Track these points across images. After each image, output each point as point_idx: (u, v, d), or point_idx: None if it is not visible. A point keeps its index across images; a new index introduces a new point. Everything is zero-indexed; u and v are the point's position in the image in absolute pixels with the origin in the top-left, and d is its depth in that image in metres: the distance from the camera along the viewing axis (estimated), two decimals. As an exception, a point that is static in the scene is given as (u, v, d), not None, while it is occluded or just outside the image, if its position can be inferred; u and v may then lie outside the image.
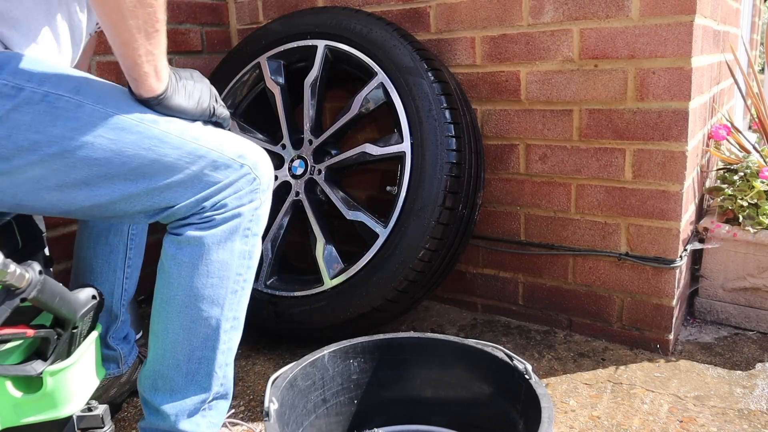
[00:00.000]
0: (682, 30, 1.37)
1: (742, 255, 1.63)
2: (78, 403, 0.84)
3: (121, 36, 0.81)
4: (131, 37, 0.81)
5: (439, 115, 1.43)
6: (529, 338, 1.64)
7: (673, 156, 1.44)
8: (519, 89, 1.61)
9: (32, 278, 0.72)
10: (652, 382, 1.41)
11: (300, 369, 1.00)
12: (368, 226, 1.48)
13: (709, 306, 1.71)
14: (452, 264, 1.63)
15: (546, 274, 1.68)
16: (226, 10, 2.13)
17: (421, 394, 1.10)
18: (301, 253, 1.89)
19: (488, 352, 1.03)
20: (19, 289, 0.71)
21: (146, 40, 0.82)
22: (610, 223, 1.55)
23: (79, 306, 0.83)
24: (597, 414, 1.29)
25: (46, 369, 0.79)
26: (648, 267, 1.52)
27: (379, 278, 1.43)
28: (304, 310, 1.51)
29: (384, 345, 1.09)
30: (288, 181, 1.64)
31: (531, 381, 0.92)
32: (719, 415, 1.27)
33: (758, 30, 3.86)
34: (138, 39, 0.81)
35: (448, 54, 1.70)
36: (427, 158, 1.42)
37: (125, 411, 1.36)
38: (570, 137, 1.56)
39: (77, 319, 0.82)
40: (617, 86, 1.47)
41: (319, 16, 1.64)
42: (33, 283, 0.72)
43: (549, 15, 1.52)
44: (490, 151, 1.69)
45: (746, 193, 1.63)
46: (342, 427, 1.09)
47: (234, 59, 1.79)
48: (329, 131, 1.60)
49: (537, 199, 1.65)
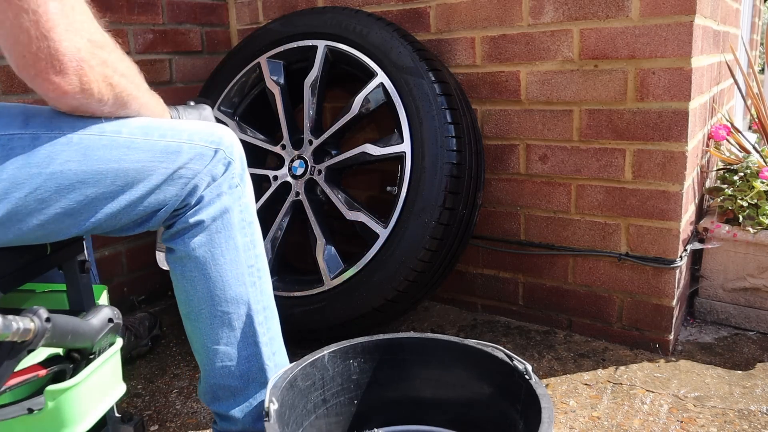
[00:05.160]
0: (682, 30, 1.37)
1: (742, 255, 1.63)
2: (87, 423, 0.80)
3: None
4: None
5: (439, 116, 1.43)
6: (529, 338, 1.64)
7: (673, 156, 1.44)
8: (519, 89, 1.61)
9: (38, 329, 0.66)
10: (652, 382, 1.41)
11: (300, 369, 0.99)
12: (368, 227, 1.48)
13: (709, 306, 1.71)
14: (452, 264, 1.63)
15: (546, 275, 1.68)
16: (226, 11, 2.13)
17: (421, 394, 1.10)
18: (301, 254, 1.89)
19: (488, 353, 1.03)
20: (25, 342, 0.66)
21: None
22: (610, 224, 1.55)
23: (94, 334, 0.79)
24: (597, 414, 1.29)
25: (47, 388, 0.74)
26: (648, 267, 1.52)
27: (379, 278, 1.43)
28: (305, 311, 1.51)
29: (384, 345, 1.09)
30: (288, 181, 1.64)
31: (531, 381, 0.92)
32: (719, 415, 1.27)
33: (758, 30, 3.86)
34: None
35: (448, 54, 1.70)
36: (428, 158, 1.42)
37: (125, 411, 1.37)
38: (570, 137, 1.56)
39: (94, 346, 0.80)
40: (617, 86, 1.47)
41: (319, 17, 1.64)
42: (39, 333, 0.67)
43: (549, 15, 1.53)
44: (490, 152, 1.69)
45: (746, 194, 1.63)
46: (342, 427, 1.09)
47: (234, 59, 1.79)
48: (329, 131, 1.60)
49: (537, 199, 1.65)
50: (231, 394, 1.00)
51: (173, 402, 1.40)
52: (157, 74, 1.93)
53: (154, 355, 1.62)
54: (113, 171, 0.83)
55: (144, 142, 0.86)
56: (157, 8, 1.91)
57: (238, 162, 0.96)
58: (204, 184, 0.91)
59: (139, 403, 1.40)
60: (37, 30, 0.71)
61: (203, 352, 0.99)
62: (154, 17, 1.90)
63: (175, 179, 0.89)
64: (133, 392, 1.44)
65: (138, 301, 1.95)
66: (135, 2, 1.84)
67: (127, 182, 0.85)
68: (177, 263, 0.95)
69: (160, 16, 1.92)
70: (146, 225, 0.91)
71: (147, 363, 1.58)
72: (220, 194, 0.93)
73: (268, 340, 1.02)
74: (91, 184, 0.82)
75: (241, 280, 0.97)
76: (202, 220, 0.92)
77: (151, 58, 1.91)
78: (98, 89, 0.78)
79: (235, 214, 0.96)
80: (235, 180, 0.95)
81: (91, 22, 0.77)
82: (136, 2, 1.84)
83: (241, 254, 0.97)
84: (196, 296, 0.95)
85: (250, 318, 0.99)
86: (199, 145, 0.90)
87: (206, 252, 0.93)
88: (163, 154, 0.87)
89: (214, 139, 0.92)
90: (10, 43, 0.73)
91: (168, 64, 1.96)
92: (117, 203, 0.85)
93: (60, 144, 0.79)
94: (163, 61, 1.94)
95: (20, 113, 0.80)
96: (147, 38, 1.89)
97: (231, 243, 0.95)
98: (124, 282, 1.91)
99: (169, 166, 0.88)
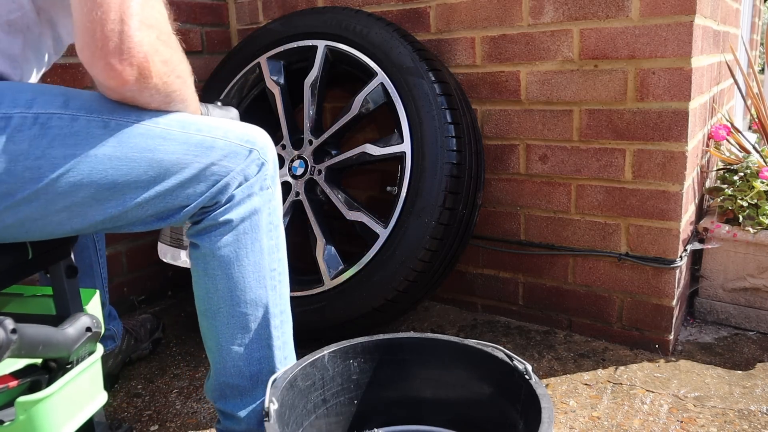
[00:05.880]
0: (682, 30, 1.37)
1: (742, 255, 1.63)
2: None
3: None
4: None
5: (439, 116, 1.43)
6: (529, 338, 1.64)
7: (673, 156, 1.44)
8: (519, 89, 1.61)
9: (2, 341, 0.62)
10: (652, 382, 1.41)
11: (300, 369, 0.99)
12: (368, 227, 1.48)
13: (709, 306, 1.71)
14: (452, 264, 1.63)
15: (546, 275, 1.68)
16: (226, 10, 2.13)
17: (421, 394, 1.10)
18: (301, 254, 1.89)
19: (488, 353, 1.03)
20: None
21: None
22: (610, 224, 1.55)
23: (70, 343, 0.76)
24: (597, 414, 1.29)
25: (17, 399, 0.71)
26: (648, 267, 1.52)
27: (379, 278, 1.43)
28: (304, 311, 1.51)
29: (384, 345, 1.09)
30: (288, 181, 1.64)
31: (531, 381, 0.92)
32: (719, 415, 1.27)
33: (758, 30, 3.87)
34: None
35: (448, 54, 1.70)
36: (428, 158, 1.42)
37: (125, 411, 1.37)
38: (570, 137, 1.56)
39: (71, 356, 0.77)
40: (617, 86, 1.47)
41: (319, 17, 1.64)
42: (4, 346, 0.62)
43: (549, 15, 1.52)
44: (490, 152, 1.69)
45: (746, 194, 1.63)
46: (342, 427, 1.09)
47: (234, 59, 1.79)
48: (329, 131, 1.60)
49: (537, 199, 1.65)
50: (239, 393, 1.00)
51: (173, 402, 1.40)
52: (157, 74, 1.93)
53: (154, 355, 1.62)
54: (147, 160, 0.83)
55: (180, 134, 0.86)
56: (157, 8, 1.90)
57: (271, 164, 0.96)
58: (236, 183, 0.91)
59: (139, 403, 1.40)
60: (117, 12, 0.73)
61: (216, 350, 0.99)
62: (154, 17, 1.90)
63: (208, 175, 0.89)
64: (133, 392, 1.44)
65: (138, 301, 1.95)
66: (135, 2, 1.84)
67: (159, 173, 0.84)
68: (200, 260, 0.94)
69: (160, 16, 1.92)
70: (171, 219, 0.90)
71: (147, 363, 1.58)
72: (251, 195, 0.93)
73: (282, 344, 1.02)
74: (123, 171, 0.82)
75: (262, 283, 0.97)
76: (231, 219, 0.92)
77: (151, 58, 1.90)
78: (154, 85, 0.79)
79: (264, 216, 0.95)
80: (267, 182, 0.95)
81: (165, 20, 0.80)
82: (136, 2, 1.84)
83: (266, 257, 0.97)
84: (217, 294, 0.95)
85: (267, 321, 0.99)
86: (234, 143, 0.90)
87: (231, 252, 0.93)
88: (197, 148, 0.87)
89: (249, 138, 0.92)
90: (85, 18, 0.74)
91: (168, 64, 1.96)
92: (146, 193, 0.85)
93: (97, 127, 0.80)
94: (163, 61, 1.94)
95: (61, 94, 0.81)
96: (147, 38, 1.89)
97: (257, 245, 0.95)
98: (124, 282, 1.91)
99: (203, 160, 0.88)
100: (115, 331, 1.45)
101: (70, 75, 1.69)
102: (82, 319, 0.79)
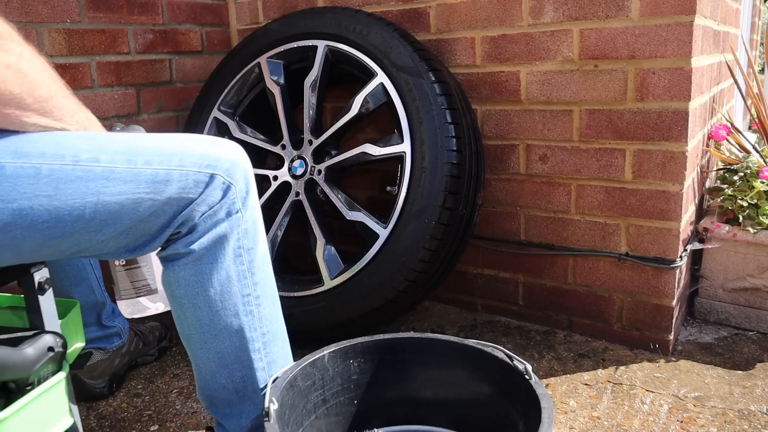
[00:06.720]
0: (682, 30, 1.37)
1: (742, 255, 1.63)
2: None
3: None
4: None
5: (439, 116, 1.43)
6: (529, 338, 1.64)
7: (673, 156, 1.44)
8: (519, 89, 1.61)
9: None
10: (652, 382, 1.41)
11: (300, 369, 0.99)
12: (368, 227, 1.48)
13: (709, 306, 1.71)
14: (452, 264, 1.63)
15: (546, 275, 1.68)
16: (226, 11, 2.13)
17: (421, 394, 1.10)
18: (301, 254, 1.89)
19: (488, 353, 1.03)
20: None
21: None
22: (610, 224, 1.55)
23: (29, 365, 0.70)
24: (597, 414, 1.29)
25: None
26: (648, 267, 1.52)
27: (379, 278, 1.43)
28: (304, 311, 1.51)
29: (384, 345, 1.08)
30: (288, 181, 1.64)
31: (531, 381, 0.92)
32: (719, 415, 1.27)
33: (758, 30, 3.86)
34: None
35: (448, 54, 1.70)
36: (428, 158, 1.42)
37: (125, 411, 1.37)
38: (570, 137, 1.56)
39: (30, 377, 0.71)
40: (617, 86, 1.47)
41: (319, 17, 1.64)
42: None
43: (549, 15, 1.53)
44: (490, 152, 1.69)
45: (746, 194, 1.63)
46: (342, 427, 1.09)
47: (234, 59, 1.79)
48: (329, 131, 1.60)
49: (537, 199, 1.65)
50: (227, 404, 0.98)
51: (173, 402, 1.40)
52: (157, 74, 1.93)
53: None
54: (91, 205, 0.74)
55: (126, 171, 0.76)
56: (157, 8, 1.90)
57: (241, 183, 0.87)
58: (198, 213, 0.84)
59: (139, 403, 1.40)
60: None
61: (196, 369, 0.97)
62: (154, 17, 1.90)
63: (166, 210, 0.81)
64: (133, 392, 1.44)
65: (138, 301, 1.94)
66: (135, 2, 1.84)
67: (109, 217, 0.76)
68: (168, 286, 0.90)
69: (160, 16, 1.92)
70: (137, 252, 0.85)
71: (147, 363, 1.58)
72: (217, 222, 0.86)
73: (266, 365, 0.96)
74: (68, 221, 0.73)
75: (233, 311, 0.91)
76: (193, 250, 0.85)
77: (151, 58, 1.91)
78: None
79: (231, 242, 0.88)
80: (236, 205, 0.87)
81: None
82: (136, 2, 1.84)
83: (234, 285, 0.90)
84: (186, 322, 0.92)
85: (244, 346, 0.93)
86: (192, 171, 0.81)
87: (195, 282, 0.87)
88: (149, 184, 0.78)
89: (210, 162, 0.83)
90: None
91: (168, 64, 1.96)
92: (98, 235, 0.78)
93: (27, 176, 0.70)
94: (163, 61, 1.94)
95: None
96: (147, 38, 1.89)
97: (222, 273, 0.88)
98: (124, 282, 1.91)
99: (157, 197, 0.79)
100: (120, 327, 1.44)
101: (70, 75, 1.69)
102: (44, 338, 0.74)
